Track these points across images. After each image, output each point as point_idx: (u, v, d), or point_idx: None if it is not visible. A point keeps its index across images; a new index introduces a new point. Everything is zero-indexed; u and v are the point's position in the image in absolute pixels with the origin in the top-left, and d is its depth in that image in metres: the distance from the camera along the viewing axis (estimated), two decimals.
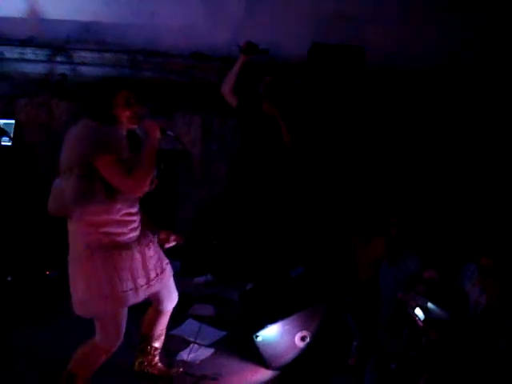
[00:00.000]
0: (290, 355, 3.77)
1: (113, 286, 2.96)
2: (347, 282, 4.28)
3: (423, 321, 2.68)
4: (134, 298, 3.06)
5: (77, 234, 2.98)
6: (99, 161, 2.84)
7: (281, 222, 4.98)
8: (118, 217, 2.99)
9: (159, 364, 3.58)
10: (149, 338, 3.50)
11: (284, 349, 3.75)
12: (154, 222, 4.94)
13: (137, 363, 3.56)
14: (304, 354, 3.78)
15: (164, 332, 3.54)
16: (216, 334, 4.19)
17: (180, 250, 5.36)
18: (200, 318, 4.37)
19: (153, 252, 3.21)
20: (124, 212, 3.01)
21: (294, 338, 3.75)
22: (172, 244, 3.39)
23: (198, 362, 3.80)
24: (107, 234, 2.97)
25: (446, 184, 5.24)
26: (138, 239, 3.12)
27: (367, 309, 3.98)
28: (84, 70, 5.65)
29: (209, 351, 3.94)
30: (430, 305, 2.67)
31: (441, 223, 4.86)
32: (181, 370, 3.66)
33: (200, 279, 5.11)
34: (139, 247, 3.10)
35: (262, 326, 3.70)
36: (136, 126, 3.05)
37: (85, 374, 3.11)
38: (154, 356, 3.55)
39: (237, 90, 4.87)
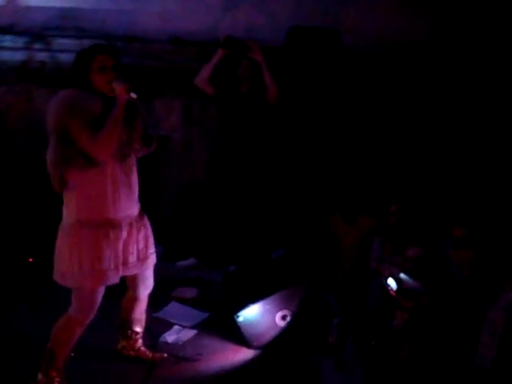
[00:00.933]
0: (271, 334, 3.83)
1: (93, 263, 3.01)
2: (329, 263, 4.34)
3: (396, 290, 2.75)
4: (113, 278, 3.12)
5: (69, 206, 3.03)
6: (69, 126, 2.89)
7: (262, 204, 5.03)
8: (110, 190, 3.03)
9: (142, 348, 3.63)
10: (128, 323, 3.55)
11: (265, 328, 3.81)
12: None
13: (120, 347, 3.61)
14: (285, 332, 3.84)
15: (144, 317, 3.59)
16: (199, 315, 4.24)
17: (163, 235, 5.44)
18: (183, 301, 4.43)
19: (142, 237, 3.25)
20: (118, 184, 3.05)
21: (274, 317, 3.81)
22: None
23: (180, 343, 3.86)
24: (98, 208, 3.02)
25: (440, 170, 5.25)
26: (131, 220, 3.16)
27: (353, 289, 4.05)
28: (63, 56, 5.61)
29: (192, 332, 4.00)
30: (402, 275, 2.74)
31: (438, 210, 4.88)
32: (165, 355, 3.70)
33: (183, 263, 5.15)
34: (129, 228, 3.14)
35: (243, 306, 3.75)
36: (111, 94, 3.02)
37: (63, 350, 3.17)
38: (136, 340, 3.59)
39: (213, 77, 4.90)
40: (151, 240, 3.37)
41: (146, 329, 3.67)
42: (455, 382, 2.78)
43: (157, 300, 4.34)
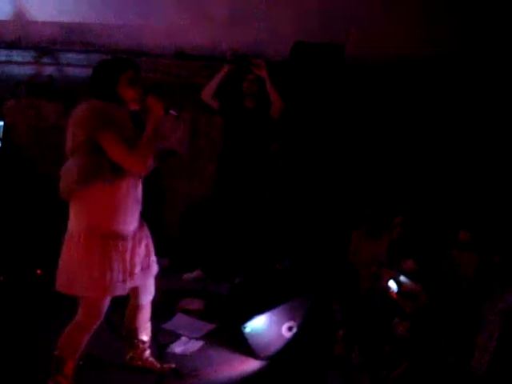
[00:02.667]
0: (277, 345, 3.85)
1: (103, 273, 3.02)
2: (341, 275, 4.36)
3: (397, 293, 2.80)
4: (121, 290, 3.14)
5: (80, 216, 3.02)
6: (103, 137, 2.89)
7: (267, 216, 5.08)
8: (123, 201, 3.06)
9: (150, 358, 3.63)
10: (134, 332, 3.55)
11: (271, 339, 3.84)
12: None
13: (128, 358, 3.63)
14: (291, 343, 3.87)
15: (149, 325, 3.59)
16: (205, 327, 4.26)
17: (169, 247, 5.48)
18: (189, 312, 4.45)
19: (144, 246, 3.28)
20: (130, 198, 3.09)
21: (281, 328, 3.84)
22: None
23: (188, 354, 3.88)
24: (111, 219, 3.04)
25: (445, 181, 5.28)
26: (135, 232, 3.18)
27: (366, 303, 4.06)
28: (70, 70, 5.71)
29: (198, 344, 4.02)
30: (402, 278, 2.78)
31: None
32: (173, 365, 3.69)
33: (189, 275, 5.18)
34: (133, 240, 3.17)
35: (250, 318, 3.78)
36: (138, 108, 3.07)
37: (71, 355, 3.18)
38: (144, 350, 3.60)
39: (218, 91, 4.96)
40: (152, 248, 3.40)
41: (153, 340, 3.69)
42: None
43: (164, 311, 4.40)
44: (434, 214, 4.54)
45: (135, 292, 3.42)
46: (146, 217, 3.38)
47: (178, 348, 3.94)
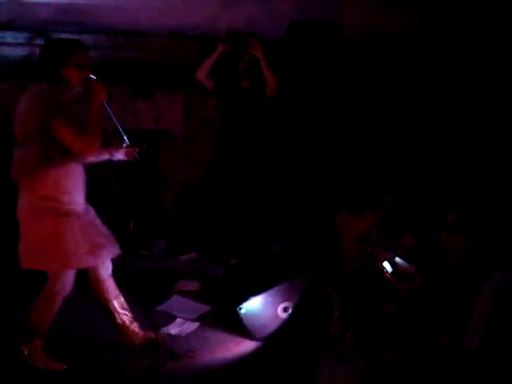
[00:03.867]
0: (273, 326, 3.86)
1: (65, 248, 3.16)
2: (332, 256, 4.36)
3: (391, 273, 2.80)
4: (84, 263, 3.27)
5: (37, 195, 3.12)
6: (54, 125, 2.99)
7: (263, 198, 5.06)
8: (80, 182, 3.24)
9: (141, 332, 3.67)
10: (109, 307, 3.58)
11: (267, 320, 3.85)
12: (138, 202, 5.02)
13: (121, 338, 3.65)
14: (287, 324, 3.87)
15: (120, 296, 3.63)
16: (201, 308, 4.27)
17: (165, 229, 5.48)
18: (185, 294, 4.46)
19: (100, 224, 3.42)
20: (80, 179, 3.24)
21: (276, 309, 3.84)
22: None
23: (183, 335, 3.89)
24: (72, 198, 3.19)
25: (437, 161, 5.29)
26: (85, 210, 3.32)
27: (355, 282, 4.06)
28: None
29: (194, 325, 4.03)
30: (397, 259, 2.79)
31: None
32: (166, 332, 3.80)
33: (185, 257, 5.18)
34: (87, 216, 3.32)
35: (245, 299, 3.78)
36: (81, 88, 3.18)
37: (41, 323, 3.33)
38: (129, 323, 3.63)
39: (213, 71, 4.93)
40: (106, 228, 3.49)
41: (149, 321, 3.70)
42: (446, 363, 2.84)
43: (159, 293, 4.41)
44: (421, 194, 4.55)
45: (95, 270, 3.48)
46: (142, 199, 3.39)
47: (173, 329, 3.94)
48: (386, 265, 2.91)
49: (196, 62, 5.11)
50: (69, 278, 3.32)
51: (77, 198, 3.24)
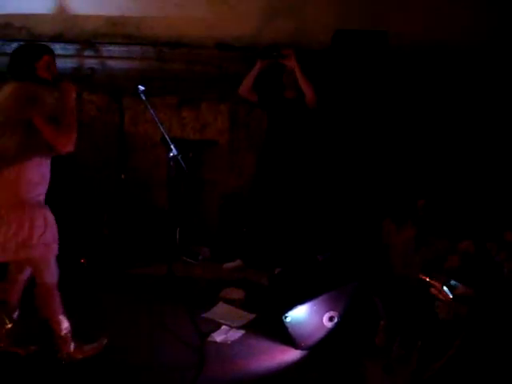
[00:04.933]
0: (318, 335, 3.85)
1: (54, 235, 3.37)
2: (378, 266, 4.33)
3: (452, 298, 2.74)
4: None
5: (14, 188, 3.23)
6: (35, 119, 3.14)
7: (308, 207, 5.06)
8: (47, 175, 3.37)
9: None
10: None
11: (312, 329, 3.84)
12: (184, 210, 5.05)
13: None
14: (332, 333, 3.86)
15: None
16: (246, 316, 4.28)
17: (209, 237, 5.52)
18: (230, 302, 4.48)
19: None
20: (48, 173, 3.37)
21: (322, 318, 3.83)
22: None
23: (228, 342, 3.91)
24: (41, 190, 3.33)
25: (473, 165, 5.22)
26: None
27: (401, 292, 4.02)
28: (112, 63, 5.77)
29: (239, 333, 4.04)
30: (452, 282, 2.73)
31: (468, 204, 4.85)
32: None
33: (229, 264, 5.21)
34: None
35: (291, 307, 3.78)
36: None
37: (57, 313, 3.46)
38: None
39: (256, 84, 5.00)
40: None
41: (195, 328, 3.72)
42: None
43: (205, 301, 4.45)
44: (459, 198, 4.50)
45: (19, 265, 3.55)
46: (187, 207, 3.42)
47: (218, 337, 3.96)
48: (446, 290, 2.84)
49: (241, 71, 5.16)
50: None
51: (44, 191, 3.39)
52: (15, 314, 3.63)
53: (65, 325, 3.48)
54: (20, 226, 3.23)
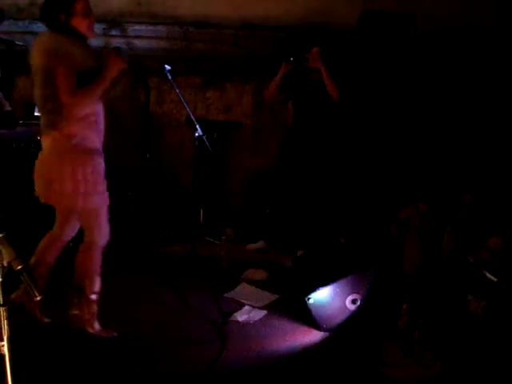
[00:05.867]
0: (340, 317, 3.85)
1: (102, 184, 3.26)
2: (400, 250, 4.31)
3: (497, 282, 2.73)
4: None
5: (64, 136, 3.13)
6: (56, 71, 3.01)
7: (332, 189, 5.05)
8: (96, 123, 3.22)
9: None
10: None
11: (335, 311, 3.84)
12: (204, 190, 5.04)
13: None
14: (354, 316, 3.87)
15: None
16: (268, 297, 4.30)
17: (233, 218, 5.55)
18: (253, 282, 4.50)
19: None
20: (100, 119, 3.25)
21: (344, 300, 3.83)
22: None
23: (251, 322, 3.93)
24: (91, 137, 3.19)
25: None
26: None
27: (424, 276, 4.01)
28: (137, 43, 5.78)
29: (261, 313, 4.06)
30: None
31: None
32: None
33: (252, 245, 5.23)
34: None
35: (314, 289, 3.79)
36: (92, 36, 3.21)
37: (95, 276, 3.39)
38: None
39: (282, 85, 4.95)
40: None
41: (217, 308, 3.74)
42: None
43: (227, 281, 4.48)
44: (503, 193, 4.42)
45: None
46: (210, 187, 3.42)
47: (241, 316, 3.98)
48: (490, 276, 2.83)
49: (267, 52, 5.13)
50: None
51: (98, 138, 3.27)
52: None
53: (96, 288, 3.39)
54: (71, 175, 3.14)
